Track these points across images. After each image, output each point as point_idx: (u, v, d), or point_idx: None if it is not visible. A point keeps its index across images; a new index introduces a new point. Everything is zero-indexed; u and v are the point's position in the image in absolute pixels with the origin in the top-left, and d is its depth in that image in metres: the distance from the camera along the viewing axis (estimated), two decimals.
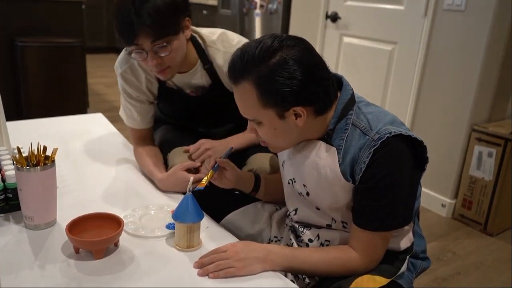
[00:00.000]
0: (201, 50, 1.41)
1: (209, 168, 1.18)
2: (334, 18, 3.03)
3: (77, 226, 1.04)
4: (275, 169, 1.41)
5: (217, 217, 1.27)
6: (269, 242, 1.26)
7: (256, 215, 1.30)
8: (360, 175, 0.97)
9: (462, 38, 2.35)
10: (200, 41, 1.41)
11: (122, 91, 1.49)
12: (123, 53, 1.43)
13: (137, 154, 1.50)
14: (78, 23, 3.49)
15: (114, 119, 2.00)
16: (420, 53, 2.55)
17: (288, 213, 1.20)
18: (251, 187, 1.27)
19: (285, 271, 1.03)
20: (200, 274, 0.97)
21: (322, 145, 1.03)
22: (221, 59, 1.40)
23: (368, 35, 2.87)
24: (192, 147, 1.42)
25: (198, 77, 1.44)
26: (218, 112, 1.54)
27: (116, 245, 1.06)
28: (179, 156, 1.42)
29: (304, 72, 0.93)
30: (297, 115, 0.98)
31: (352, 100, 1.04)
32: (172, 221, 1.16)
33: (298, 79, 0.93)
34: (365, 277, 1.00)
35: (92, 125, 1.91)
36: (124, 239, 1.07)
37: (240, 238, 1.20)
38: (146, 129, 1.53)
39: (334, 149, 1.01)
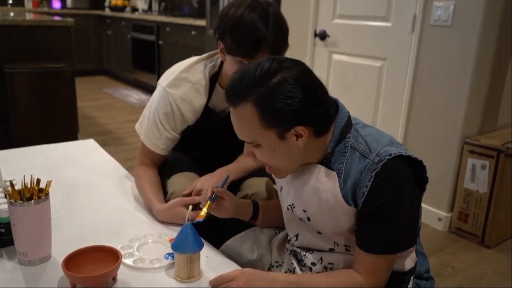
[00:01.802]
0: None
1: (206, 199, 1.16)
2: (322, 36, 3.06)
3: (73, 261, 1.01)
4: (271, 193, 1.40)
5: (216, 243, 1.25)
6: (270, 268, 1.24)
7: (255, 240, 1.28)
8: (363, 199, 0.96)
9: (450, 53, 2.38)
10: None
11: (163, 114, 1.38)
12: (185, 69, 1.39)
13: (138, 177, 1.46)
14: (67, 48, 3.47)
15: (105, 143, 1.98)
16: (409, 69, 2.58)
17: (288, 238, 1.18)
18: (249, 215, 1.25)
19: None
20: None
21: (321, 169, 1.02)
22: None
23: (357, 52, 2.89)
24: (188, 190, 1.34)
25: None
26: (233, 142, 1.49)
27: (115, 279, 1.03)
28: (179, 184, 1.39)
29: (305, 91, 0.93)
30: (298, 136, 0.97)
31: (349, 123, 1.04)
32: (171, 250, 1.13)
33: (299, 98, 0.93)
34: None
35: (84, 152, 1.89)
36: (122, 272, 1.05)
37: (240, 264, 1.18)
38: (160, 156, 1.47)
39: (334, 173, 1.00)
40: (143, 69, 5.67)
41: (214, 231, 1.27)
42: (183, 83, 1.39)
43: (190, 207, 1.07)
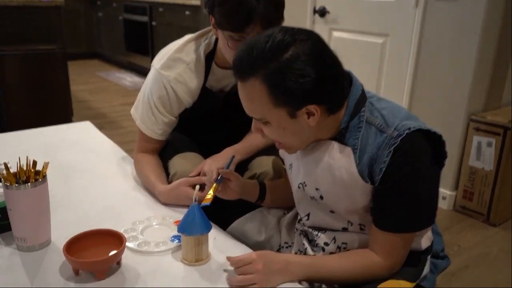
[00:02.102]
0: None
1: (212, 180, 1.10)
2: (322, 12, 2.98)
3: (75, 245, 0.96)
4: (279, 172, 1.35)
5: (222, 225, 1.20)
6: (279, 249, 1.19)
7: (263, 221, 1.23)
8: (380, 176, 0.91)
9: (455, 28, 2.31)
10: None
11: (157, 97, 1.31)
12: (178, 48, 1.32)
13: (137, 162, 1.40)
14: (58, 29, 3.37)
15: (101, 126, 1.91)
16: (413, 45, 2.51)
17: (299, 218, 1.14)
18: (256, 196, 1.20)
19: (304, 281, 0.97)
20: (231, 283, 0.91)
21: (335, 145, 0.97)
22: None
23: (358, 28, 2.82)
24: (195, 172, 1.28)
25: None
26: (233, 119, 1.41)
27: (119, 263, 0.98)
28: (181, 165, 1.33)
29: (319, 69, 0.87)
30: (309, 114, 0.91)
31: (363, 96, 0.98)
32: (176, 233, 1.08)
33: (312, 77, 0.86)
34: (389, 282, 0.94)
35: (80, 134, 1.82)
36: (126, 256, 0.99)
37: (248, 246, 1.13)
38: (158, 141, 1.40)
39: (349, 149, 0.95)
40: (136, 51, 5.55)
41: (219, 213, 1.21)
42: (177, 64, 1.31)
43: (197, 187, 1.02)
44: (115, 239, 0.98)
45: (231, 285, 0.91)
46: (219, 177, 1.11)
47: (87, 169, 1.48)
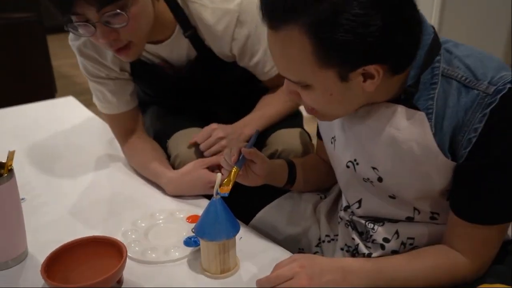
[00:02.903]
0: (178, 10, 1.00)
1: (231, 163, 0.84)
2: None
3: (58, 263, 0.71)
4: (307, 148, 1.10)
5: (244, 217, 0.96)
6: (319, 243, 0.96)
7: (295, 209, 0.99)
8: (468, 149, 0.67)
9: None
10: None
11: (85, 72, 1.10)
12: None
13: (128, 152, 1.14)
14: None
15: (89, 103, 1.63)
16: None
17: (344, 205, 0.90)
18: (285, 179, 0.95)
19: None
20: None
21: (399, 110, 0.72)
22: (210, 18, 1.00)
23: None
24: (200, 136, 1.05)
25: (179, 48, 1.05)
26: (214, 92, 1.20)
27: (120, 282, 0.74)
28: (183, 144, 1.07)
29: (386, 12, 0.60)
30: (367, 76, 0.66)
31: (436, 42, 0.72)
32: (191, 233, 0.84)
33: (378, 26, 0.60)
34: None
35: (63, 112, 1.55)
36: (128, 269, 0.75)
37: (277, 241, 0.90)
38: (129, 112, 1.13)
39: (421, 114, 0.70)
40: None
41: (238, 202, 0.96)
42: None
43: (219, 176, 0.76)
44: (112, 249, 0.74)
45: None
46: (240, 158, 0.85)
47: (73, 152, 1.23)
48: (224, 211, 0.73)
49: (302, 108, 1.32)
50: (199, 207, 0.95)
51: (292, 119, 1.18)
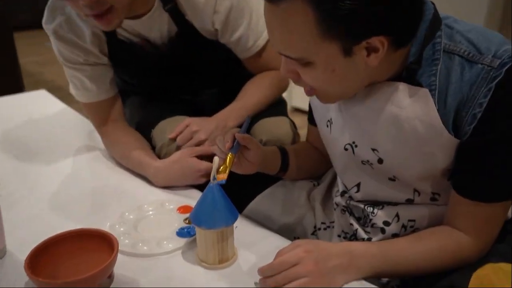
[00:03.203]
0: None
1: (226, 150, 0.80)
2: None
3: (42, 258, 0.66)
4: (292, 137, 1.07)
5: (236, 206, 0.92)
6: (314, 231, 0.93)
7: (288, 197, 0.96)
8: (473, 125, 0.65)
9: None
10: None
11: (60, 57, 1.04)
12: (51, 1, 0.99)
13: (109, 142, 1.07)
14: None
15: (61, 100, 1.55)
16: None
17: (341, 190, 0.87)
18: (277, 166, 0.92)
19: (372, 278, 0.71)
20: None
21: (401, 87, 0.70)
22: None
23: None
24: (176, 131, 1.00)
25: (159, 24, 1.00)
26: (197, 72, 1.14)
27: (110, 277, 0.69)
28: (169, 132, 1.02)
29: None
30: (370, 50, 0.63)
31: (436, 17, 0.70)
32: (184, 224, 0.80)
33: None
34: (488, 268, 0.69)
35: (35, 106, 1.47)
36: (119, 264, 0.70)
37: (272, 231, 0.87)
38: (109, 100, 1.07)
39: (425, 90, 0.68)
40: None
41: (229, 192, 0.92)
42: (56, 15, 0.99)
43: (216, 160, 0.72)
44: (101, 242, 0.69)
45: None
46: (234, 144, 0.81)
47: (49, 148, 1.16)
48: (222, 197, 0.69)
49: (286, 96, 1.30)
50: (189, 197, 0.91)
51: (276, 107, 1.14)
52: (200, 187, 0.97)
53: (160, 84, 1.17)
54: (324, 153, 0.99)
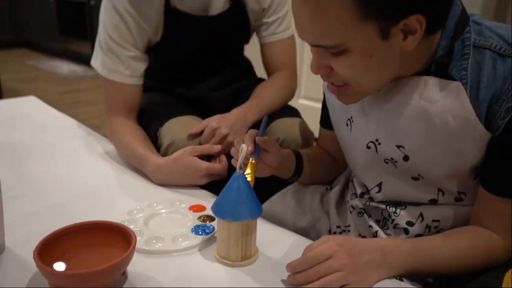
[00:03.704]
0: None
1: (248, 154, 0.73)
2: None
3: (49, 251, 0.60)
4: (308, 140, 1.05)
5: None
6: None
7: (301, 200, 0.93)
8: (507, 119, 0.64)
9: None
10: None
11: (112, 28, 1.00)
12: None
13: (115, 130, 1.03)
14: None
15: None
16: None
17: (359, 191, 0.84)
18: (292, 170, 0.88)
19: (403, 276, 0.67)
20: None
21: (430, 81, 0.69)
22: None
23: None
24: (197, 128, 0.98)
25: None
26: (223, 59, 1.16)
27: (124, 273, 0.63)
28: (179, 132, 0.98)
29: None
30: (407, 32, 0.62)
31: (464, 13, 0.70)
32: (198, 222, 0.75)
33: None
34: None
35: (27, 110, 1.41)
36: (133, 261, 0.64)
37: None
38: (134, 87, 1.04)
39: (458, 83, 0.67)
40: (72, 36, 4.97)
41: None
42: None
43: (244, 147, 0.68)
44: (112, 235, 0.64)
45: None
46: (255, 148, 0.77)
47: (44, 150, 1.10)
48: (248, 188, 0.65)
49: (296, 103, 1.30)
50: (199, 197, 0.87)
51: (291, 110, 1.14)
52: (206, 187, 0.93)
53: (189, 72, 1.16)
54: (336, 157, 0.97)
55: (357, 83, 0.69)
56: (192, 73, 1.15)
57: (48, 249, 0.59)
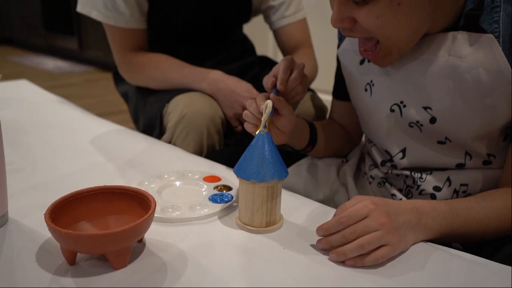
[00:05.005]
0: None
1: (260, 108, 0.67)
2: None
3: (62, 215, 0.55)
4: (322, 111, 1.01)
5: None
6: None
7: (316, 173, 0.89)
8: None
9: None
10: None
11: None
12: None
13: (139, 65, 1.02)
14: None
15: None
16: None
17: (380, 160, 0.81)
18: (306, 139, 0.84)
19: (438, 240, 0.64)
20: (333, 259, 0.55)
21: (460, 36, 0.65)
22: None
23: None
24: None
25: None
26: (223, 36, 1.13)
27: (141, 240, 0.58)
28: (190, 105, 0.93)
29: None
30: None
31: None
32: (214, 191, 0.71)
33: None
34: None
35: (19, 92, 1.34)
36: (149, 231, 0.60)
37: None
38: (137, 31, 1.01)
39: (490, 36, 0.64)
40: (58, 31, 4.86)
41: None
42: None
43: (269, 103, 0.63)
44: (128, 201, 0.59)
45: (348, 255, 0.55)
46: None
47: (41, 128, 1.04)
48: (274, 147, 0.61)
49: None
50: (211, 170, 0.82)
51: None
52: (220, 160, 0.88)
53: (194, 46, 1.11)
54: (349, 131, 0.93)
55: (384, 36, 0.65)
56: (193, 52, 1.09)
57: (58, 216, 0.54)
